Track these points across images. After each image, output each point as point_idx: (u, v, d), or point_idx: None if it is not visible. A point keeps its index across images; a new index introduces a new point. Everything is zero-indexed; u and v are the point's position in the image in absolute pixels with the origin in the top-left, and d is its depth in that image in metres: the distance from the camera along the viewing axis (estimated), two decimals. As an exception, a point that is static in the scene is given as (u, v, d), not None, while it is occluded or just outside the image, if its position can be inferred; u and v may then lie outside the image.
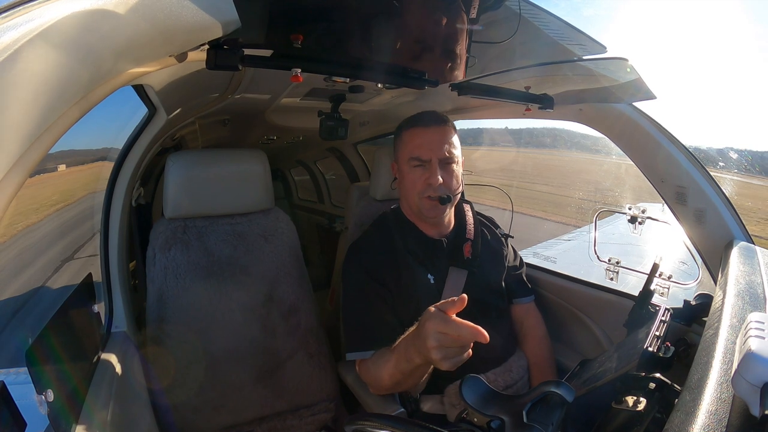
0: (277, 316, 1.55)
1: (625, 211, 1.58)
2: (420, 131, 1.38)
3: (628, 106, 1.41)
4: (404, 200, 1.48)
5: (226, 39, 0.77)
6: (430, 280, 1.38)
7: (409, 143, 1.38)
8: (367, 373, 1.29)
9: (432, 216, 1.41)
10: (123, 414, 1.05)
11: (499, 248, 1.57)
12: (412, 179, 1.38)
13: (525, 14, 1.06)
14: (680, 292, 1.40)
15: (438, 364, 0.89)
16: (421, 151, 1.36)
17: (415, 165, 1.37)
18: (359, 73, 1.09)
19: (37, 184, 1.67)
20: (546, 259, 2.95)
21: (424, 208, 1.39)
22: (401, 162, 1.42)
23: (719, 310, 0.87)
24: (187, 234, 1.49)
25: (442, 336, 0.87)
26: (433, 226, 1.46)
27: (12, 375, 1.10)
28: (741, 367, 0.53)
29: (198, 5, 0.57)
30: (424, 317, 0.92)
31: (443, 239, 1.46)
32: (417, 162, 1.36)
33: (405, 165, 1.40)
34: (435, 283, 1.39)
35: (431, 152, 1.35)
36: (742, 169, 3.85)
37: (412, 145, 1.37)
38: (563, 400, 0.76)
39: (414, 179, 1.38)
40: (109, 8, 0.43)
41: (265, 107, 1.94)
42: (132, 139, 1.41)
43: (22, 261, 1.68)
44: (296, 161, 4.14)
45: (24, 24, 0.37)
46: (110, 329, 1.34)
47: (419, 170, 1.37)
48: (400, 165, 1.43)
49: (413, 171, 1.38)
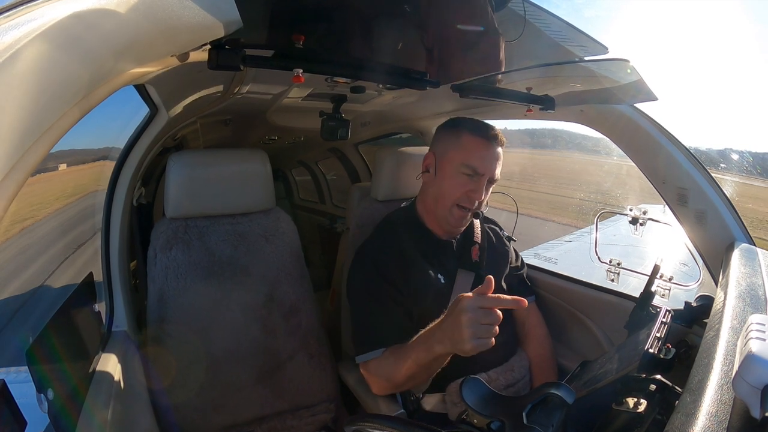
0: (277, 317, 1.55)
1: (627, 212, 1.58)
2: (484, 144, 1.34)
3: (630, 107, 1.41)
4: (430, 197, 1.43)
5: (227, 39, 0.77)
6: (440, 280, 1.38)
7: (470, 150, 1.34)
8: (377, 370, 1.28)
9: (457, 226, 1.41)
10: (123, 413, 1.05)
11: (504, 251, 1.58)
12: (455, 184, 1.35)
13: (527, 15, 1.06)
14: (681, 294, 1.40)
15: (465, 344, 0.93)
16: (481, 164, 1.33)
17: (465, 173, 1.34)
18: (360, 74, 1.09)
19: (41, 182, 1.68)
20: (547, 260, 2.95)
21: (453, 216, 1.38)
22: (448, 162, 1.37)
23: (720, 312, 0.87)
24: (188, 234, 1.49)
25: (480, 311, 0.93)
26: (440, 227, 1.45)
27: (13, 374, 1.10)
28: (742, 368, 0.53)
29: (200, 5, 0.57)
30: (458, 300, 0.97)
31: (452, 241, 1.46)
32: (470, 171, 1.33)
33: (452, 167, 1.35)
34: (445, 283, 1.38)
35: (487, 169, 1.34)
36: (743, 170, 3.85)
37: (474, 154, 1.33)
38: (563, 401, 0.76)
39: (456, 185, 1.35)
40: (110, 8, 0.43)
41: (266, 107, 1.94)
42: (133, 138, 1.41)
43: (26, 257, 1.69)
44: (297, 161, 4.14)
45: (25, 24, 0.37)
46: (111, 329, 1.34)
47: (466, 179, 1.34)
48: (445, 164, 1.38)
49: (460, 177, 1.34)
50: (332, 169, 3.72)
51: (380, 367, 1.27)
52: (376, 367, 1.28)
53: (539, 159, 13.82)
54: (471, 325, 0.92)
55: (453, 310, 0.98)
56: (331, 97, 1.73)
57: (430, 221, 1.46)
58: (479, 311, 0.92)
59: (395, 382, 1.23)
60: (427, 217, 1.47)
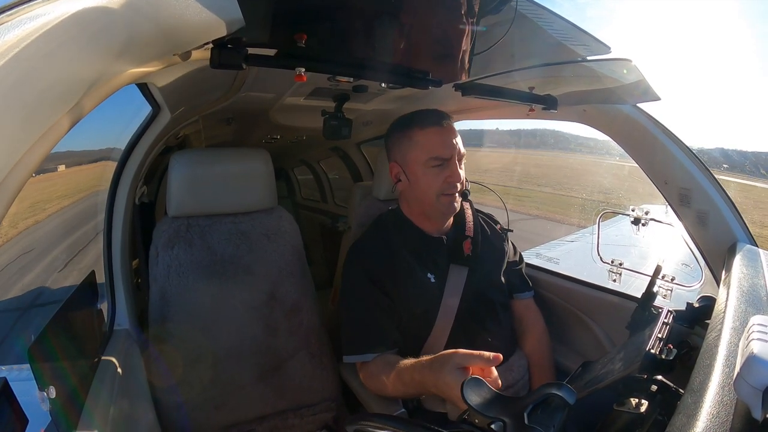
0: (279, 315, 1.56)
1: (629, 212, 1.57)
2: (436, 130, 1.35)
3: (632, 107, 1.40)
4: (414, 201, 1.44)
5: (230, 38, 0.77)
6: (430, 279, 1.38)
7: (427, 143, 1.35)
8: (370, 379, 1.30)
9: (450, 211, 1.41)
10: (124, 411, 1.05)
11: (500, 244, 1.57)
12: (430, 180, 1.35)
13: (529, 14, 1.05)
14: (683, 295, 1.39)
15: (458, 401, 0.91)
16: (443, 150, 1.34)
17: (434, 165, 1.34)
18: (363, 73, 1.09)
19: (45, 180, 1.68)
20: (549, 260, 2.94)
21: (443, 206, 1.38)
22: (413, 163, 1.37)
23: (722, 313, 0.86)
24: (190, 232, 1.50)
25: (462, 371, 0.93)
26: (435, 224, 1.46)
27: (14, 372, 1.11)
28: (743, 370, 0.53)
29: (202, 4, 0.57)
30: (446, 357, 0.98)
31: (443, 237, 1.46)
32: (438, 162, 1.34)
33: (420, 166, 1.36)
34: (436, 281, 1.38)
35: (450, 150, 1.34)
36: (746, 171, 3.84)
37: (431, 145, 1.34)
38: (565, 402, 0.75)
39: (432, 179, 1.35)
40: (112, 7, 0.43)
41: (268, 106, 1.95)
42: (136, 137, 1.42)
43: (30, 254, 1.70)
44: (299, 160, 4.15)
45: (27, 23, 0.37)
46: (113, 327, 1.35)
47: (437, 170, 1.35)
48: (412, 167, 1.38)
49: (431, 171, 1.35)
50: (334, 169, 3.73)
51: (372, 376, 1.28)
52: (368, 374, 1.30)
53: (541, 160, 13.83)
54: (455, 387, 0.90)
55: (441, 362, 0.99)
56: (334, 96, 1.73)
57: (420, 221, 1.47)
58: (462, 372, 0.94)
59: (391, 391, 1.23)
60: (416, 219, 1.47)
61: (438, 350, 1.34)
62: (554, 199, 11.03)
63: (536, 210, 9.93)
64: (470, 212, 1.55)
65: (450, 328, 1.35)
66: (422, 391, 1.08)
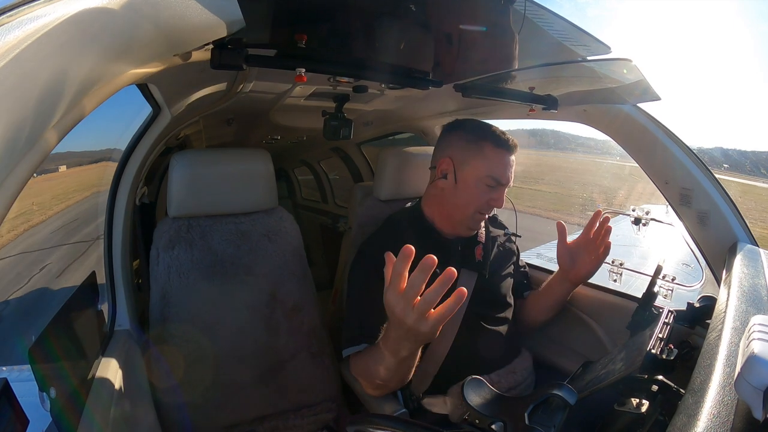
0: (280, 316, 1.56)
1: (629, 212, 1.57)
2: (507, 155, 1.38)
3: (633, 107, 1.41)
4: (448, 205, 1.43)
5: (230, 38, 0.77)
6: None
7: (495, 162, 1.36)
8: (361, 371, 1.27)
9: (475, 228, 1.46)
10: (125, 411, 1.05)
11: (509, 249, 1.59)
12: (478, 194, 1.37)
13: (529, 15, 1.05)
14: (684, 295, 1.39)
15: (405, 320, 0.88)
16: (504, 175, 1.37)
17: (489, 184, 1.37)
18: (363, 74, 1.09)
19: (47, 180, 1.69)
20: (549, 260, 2.94)
21: (474, 222, 1.42)
22: (471, 172, 1.38)
23: (723, 313, 0.86)
24: (191, 233, 1.50)
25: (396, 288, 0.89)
26: (455, 230, 1.46)
27: (15, 372, 1.11)
28: (744, 370, 0.53)
29: (202, 5, 0.57)
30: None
31: (457, 241, 1.47)
32: (494, 183, 1.37)
33: (475, 178, 1.37)
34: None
35: (509, 179, 1.39)
36: (745, 171, 3.84)
37: (498, 167, 1.36)
38: (565, 402, 0.75)
39: (480, 194, 1.37)
40: (113, 8, 0.43)
41: (269, 107, 1.95)
42: (136, 138, 1.42)
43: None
44: (300, 161, 4.15)
45: (27, 23, 0.37)
46: (113, 327, 1.35)
47: (489, 189, 1.37)
48: (468, 174, 1.38)
49: (483, 187, 1.37)
50: (335, 169, 3.73)
51: (360, 366, 1.27)
52: (357, 366, 1.29)
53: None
54: (397, 303, 0.89)
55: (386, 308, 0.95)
56: (334, 97, 1.73)
57: (441, 223, 1.46)
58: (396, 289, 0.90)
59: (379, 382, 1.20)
60: (438, 219, 1.47)
61: (442, 351, 1.34)
62: (554, 198, 11.02)
63: (535, 209, 9.93)
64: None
65: (456, 330, 1.35)
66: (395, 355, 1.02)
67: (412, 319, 0.87)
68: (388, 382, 1.19)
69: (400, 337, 0.95)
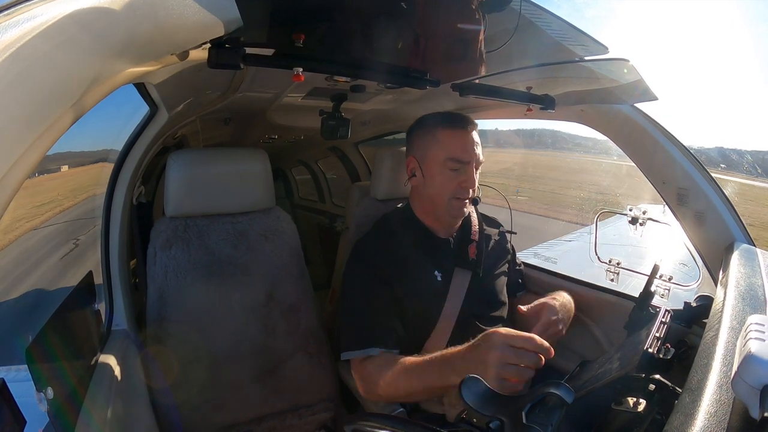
0: (277, 316, 1.56)
1: (626, 212, 1.58)
2: (461, 133, 1.36)
3: (630, 107, 1.41)
4: (425, 199, 1.44)
5: (227, 38, 0.77)
6: (437, 277, 1.38)
7: (449, 144, 1.35)
8: (370, 371, 1.26)
9: (459, 215, 1.42)
10: (123, 412, 1.05)
11: (504, 247, 1.58)
12: (445, 180, 1.36)
13: (527, 14, 1.05)
14: (681, 294, 1.40)
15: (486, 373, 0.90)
16: (464, 153, 1.34)
17: (452, 167, 1.35)
18: (361, 73, 1.09)
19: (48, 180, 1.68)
20: (546, 259, 2.95)
21: (453, 209, 1.39)
22: (432, 162, 1.38)
23: (719, 312, 0.87)
24: (188, 233, 1.49)
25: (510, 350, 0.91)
26: (444, 226, 1.46)
27: (12, 372, 1.10)
28: (741, 369, 0.53)
29: (200, 4, 0.57)
30: (488, 335, 0.96)
31: (450, 239, 1.47)
32: (456, 164, 1.34)
33: (437, 165, 1.37)
34: (442, 281, 1.38)
35: (471, 156, 1.35)
36: (743, 170, 3.86)
37: (453, 147, 1.35)
38: (563, 401, 0.75)
39: (447, 180, 1.36)
40: (110, 7, 0.43)
41: (266, 106, 1.95)
42: (133, 137, 1.41)
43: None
44: (297, 160, 4.14)
45: (24, 22, 0.37)
46: (110, 327, 1.34)
47: (454, 172, 1.35)
48: (430, 164, 1.39)
49: (447, 172, 1.36)
50: (332, 169, 3.72)
51: (375, 370, 1.25)
52: (364, 370, 1.27)
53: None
54: (498, 364, 0.90)
55: (481, 344, 0.97)
56: (331, 96, 1.73)
57: (429, 220, 1.47)
58: (509, 350, 0.91)
59: (387, 392, 1.21)
60: (425, 217, 1.47)
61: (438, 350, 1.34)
62: (552, 198, 11.06)
63: (532, 208, 9.95)
64: (475, 216, 1.55)
65: (451, 330, 1.35)
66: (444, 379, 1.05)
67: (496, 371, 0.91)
68: (411, 395, 1.21)
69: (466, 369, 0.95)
